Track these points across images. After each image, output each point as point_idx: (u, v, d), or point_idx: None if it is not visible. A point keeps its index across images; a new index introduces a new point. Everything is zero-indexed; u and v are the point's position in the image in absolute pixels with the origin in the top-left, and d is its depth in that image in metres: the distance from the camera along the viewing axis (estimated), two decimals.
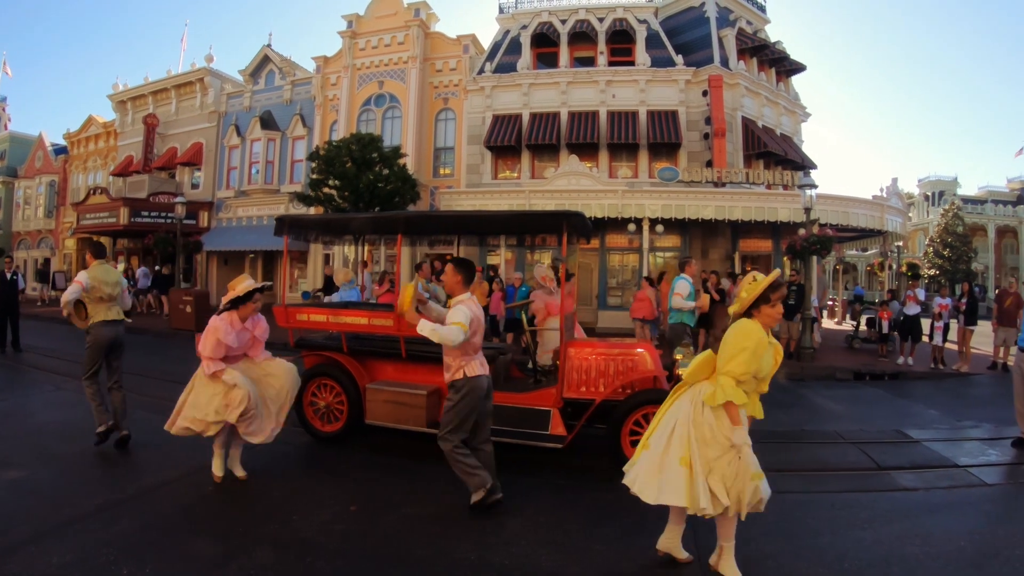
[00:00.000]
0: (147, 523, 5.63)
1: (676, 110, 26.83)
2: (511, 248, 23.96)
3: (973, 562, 5.23)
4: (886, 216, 25.07)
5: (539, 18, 28.71)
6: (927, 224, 71.83)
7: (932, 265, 62.68)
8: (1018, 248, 70.57)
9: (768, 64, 29.88)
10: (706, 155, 25.94)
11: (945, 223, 64.37)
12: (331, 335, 9.28)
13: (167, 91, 36.42)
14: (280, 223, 9.34)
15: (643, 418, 7.46)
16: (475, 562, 5.12)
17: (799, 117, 31.95)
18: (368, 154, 23.04)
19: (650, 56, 27.41)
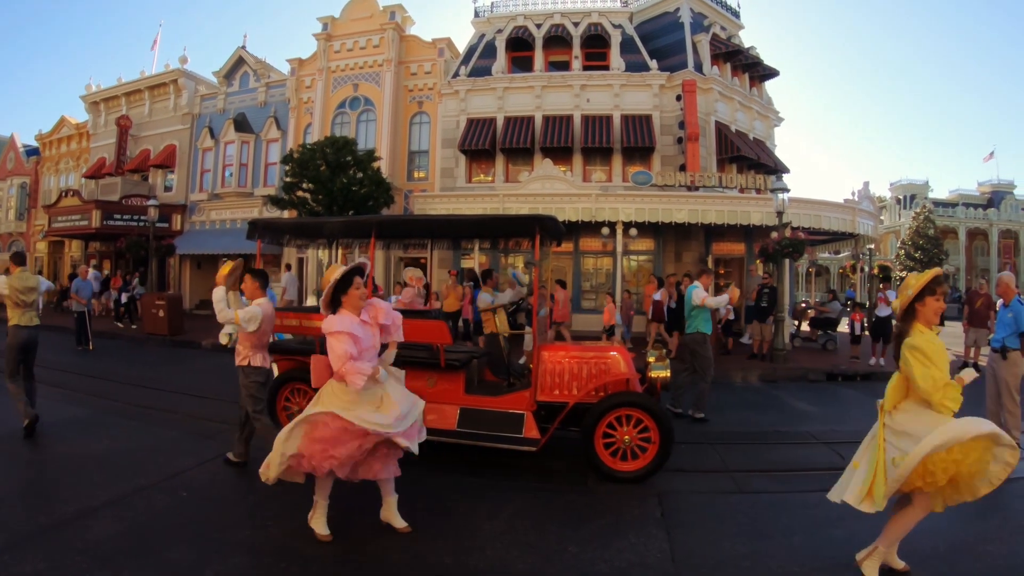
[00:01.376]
0: (121, 530, 5.59)
1: (650, 114, 26.99)
2: (485, 251, 23.99)
3: (946, 559, 5.33)
4: (857, 219, 25.25)
5: (514, 22, 28.77)
6: (899, 227, 72.68)
7: (904, 267, 63.33)
8: (988, 250, 71.57)
9: (742, 69, 30.09)
10: (679, 159, 26.07)
11: (916, 226, 65.20)
12: (305, 339, 9.26)
13: (140, 92, 36.13)
14: (253, 227, 9.34)
15: (616, 421, 7.53)
16: (450, 566, 5.15)
17: (772, 122, 32.20)
18: (342, 157, 22.99)
19: (624, 61, 27.56)
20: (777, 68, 31.11)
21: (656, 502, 6.76)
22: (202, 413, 10.08)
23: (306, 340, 9.19)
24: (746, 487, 7.31)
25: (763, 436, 9.91)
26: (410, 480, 7.16)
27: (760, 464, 8.27)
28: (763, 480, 7.57)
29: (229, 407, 10.51)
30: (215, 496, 6.56)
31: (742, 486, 7.36)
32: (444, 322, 8.33)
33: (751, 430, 10.21)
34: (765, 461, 8.42)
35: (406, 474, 7.38)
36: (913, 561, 5.29)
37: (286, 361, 9.08)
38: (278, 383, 8.72)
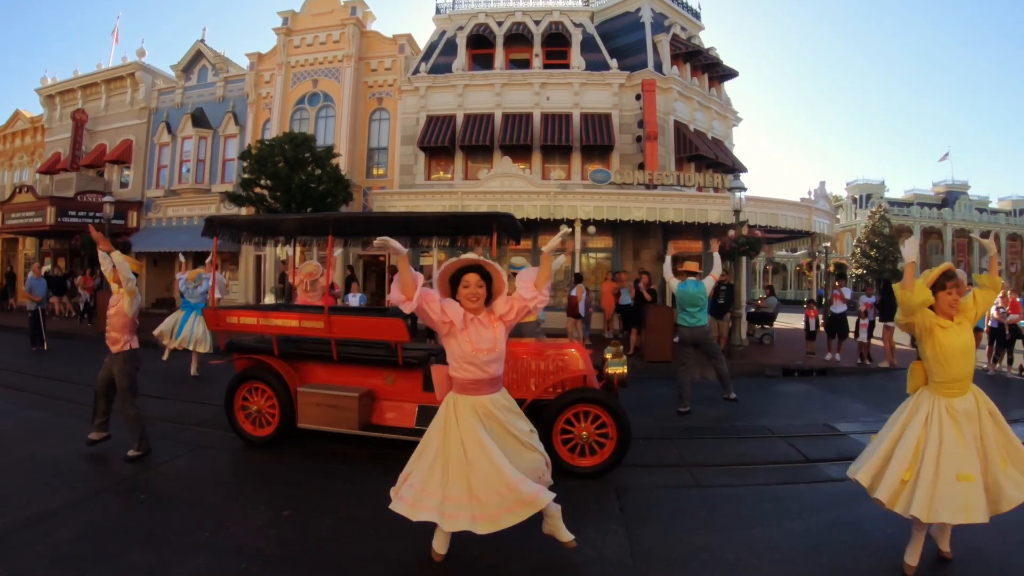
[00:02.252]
0: (81, 534, 5.51)
1: (609, 113, 27.12)
2: (443, 249, 23.96)
3: (902, 548, 5.38)
4: (814, 218, 25.55)
5: (476, 19, 28.72)
6: (855, 226, 73.55)
7: (859, 265, 64.31)
8: (943, 249, 72.91)
9: (701, 70, 30.31)
10: (638, 158, 26.19)
11: (872, 225, 65.99)
12: (263, 338, 9.16)
13: (97, 86, 35.50)
14: (209, 224, 9.24)
15: (574, 417, 7.57)
16: (412, 562, 5.16)
17: (730, 121, 32.51)
18: (301, 154, 22.82)
19: (585, 59, 27.64)
20: (736, 69, 31.38)
21: (615, 497, 6.80)
22: (158, 414, 9.85)
23: (264, 339, 9.08)
24: (704, 481, 7.37)
25: (721, 431, 10.01)
26: (370, 476, 7.19)
27: (718, 458, 8.36)
28: (721, 474, 7.65)
29: (185, 407, 10.50)
30: (174, 498, 6.46)
31: (700, 480, 7.42)
32: (402, 320, 8.32)
33: (709, 425, 10.31)
34: (723, 455, 8.50)
35: (365, 471, 7.41)
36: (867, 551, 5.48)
37: (244, 360, 8.98)
38: (236, 382, 8.62)
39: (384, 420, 8.20)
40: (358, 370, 8.44)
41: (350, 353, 8.42)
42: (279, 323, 8.69)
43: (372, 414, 8.24)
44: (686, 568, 5.15)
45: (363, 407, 8.05)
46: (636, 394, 11.55)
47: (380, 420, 8.22)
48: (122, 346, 7.58)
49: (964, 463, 4.84)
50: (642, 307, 17.99)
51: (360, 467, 7.60)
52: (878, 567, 5.21)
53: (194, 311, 14.20)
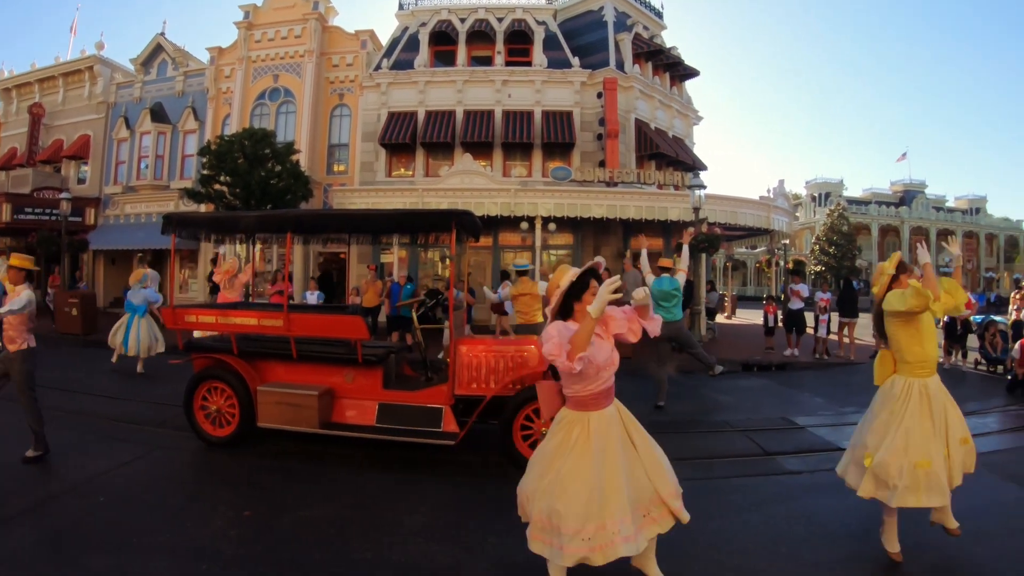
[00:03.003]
0: (39, 539, 5.46)
1: (571, 111, 27.22)
2: (404, 246, 23.93)
3: (857, 537, 5.53)
4: (772, 216, 25.87)
5: (438, 16, 28.65)
6: (814, 223, 74.47)
7: (818, 262, 65.16)
8: (900, 246, 73.76)
9: (663, 69, 30.52)
10: (599, 155, 26.37)
11: (831, 222, 66.94)
12: (222, 337, 9.11)
13: (55, 79, 34.81)
14: (167, 221, 9.17)
15: (533, 413, 7.61)
16: (372, 561, 5.16)
17: (691, 120, 32.79)
18: (260, 150, 22.61)
19: (547, 57, 27.74)
20: (698, 68, 31.67)
21: None
22: (116, 415, 9.83)
23: (223, 338, 9.03)
24: None
25: (681, 425, 10.12)
26: (330, 476, 7.19)
27: (679, 452, 8.39)
28: (681, 468, 7.66)
29: (144, 408, 10.39)
30: (132, 500, 6.40)
31: None
32: (361, 317, 8.34)
33: (669, 419, 10.41)
34: (683, 449, 8.56)
35: (325, 470, 7.41)
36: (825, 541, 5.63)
37: (203, 359, 8.89)
38: (195, 381, 8.55)
39: (345, 418, 8.20)
40: (318, 368, 8.43)
41: (310, 351, 8.40)
42: (238, 321, 8.66)
43: (332, 412, 8.23)
44: None
45: (323, 405, 8.04)
46: None
47: (340, 418, 8.21)
48: (19, 345, 7.54)
49: (925, 450, 5.05)
50: None
51: (321, 466, 7.62)
52: (836, 557, 5.33)
53: (136, 314, 14.07)
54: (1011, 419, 11.42)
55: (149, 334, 13.94)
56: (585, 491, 4.27)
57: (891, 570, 5.19)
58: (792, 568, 5.21)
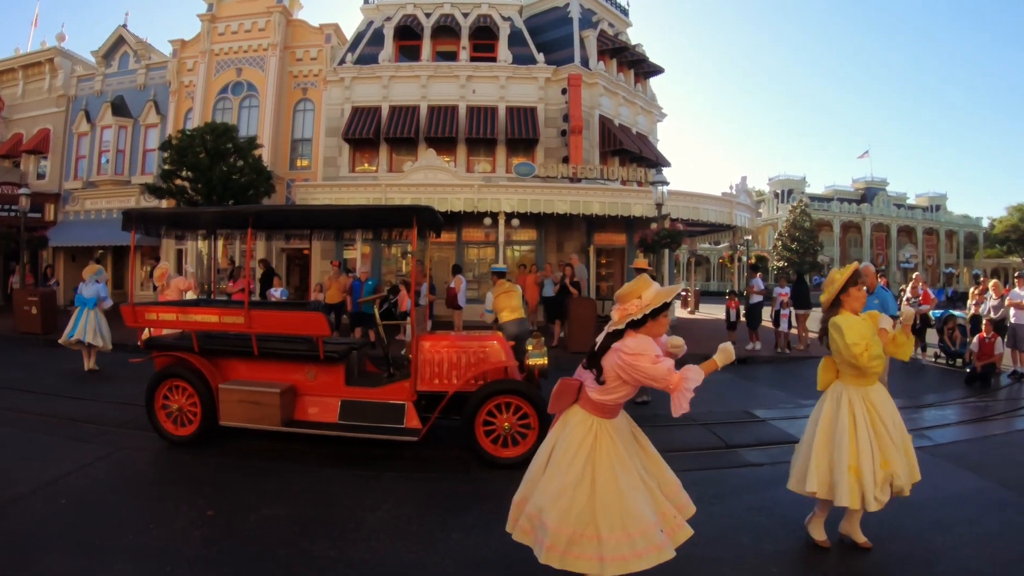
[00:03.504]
0: (0, 542, 5.39)
1: (535, 107, 27.29)
2: (367, 242, 23.87)
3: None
4: (735, 212, 26.19)
5: (404, 10, 28.52)
6: (777, 219, 75.57)
7: (781, 257, 66.04)
8: (861, 242, 75.33)
9: (627, 65, 30.71)
10: (563, 151, 26.47)
11: (793, 219, 67.99)
12: (184, 334, 9.01)
13: (14, 71, 34.22)
14: (127, 217, 9.09)
15: (495, 408, 7.69)
16: (335, 559, 5.17)
17: (655, 117, 33.01)
18: (222, 145, 22.45)
19: (512, 53, 27.79)
20: (662, 65, 31.99)
21: None
22: (78, 415, 9.69)
23: (184, 335, 8.94)
24: None
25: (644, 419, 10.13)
26: (293, 474, 7.19)
27: None
28: None
29: (106, 408, 10.26)
30: (95, 502, 6.32)
31: None
32: (322, 313, 8.33)
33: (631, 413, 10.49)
34: None
35: (288, 468, 7.40)
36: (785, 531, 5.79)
37: (164, 357, 8.82)
38: (156, 380, 8.45)
39: (307, 416, 8.20)
40: (280, 366, 8.41)
41: (272, 348, 8.38)
42: (199, 319, 8.60)
43: (295, 410, 8.22)
44: None
45: (285, 403, 8.02)
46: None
47: (303, 416, 8.21)
48: None
49: (855, 457, 5.20)
50: (566, 299, 18.15)
51: (284, 464, 7.60)
52: (796, 547, 5.47)
53: (87, 306, 13.96)
54: (970, 411, 11.78)
55: (96, 326, 13.80)
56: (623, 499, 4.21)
57: (850, 558, 5.34)
58: (754, 558, 5.32)
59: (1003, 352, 14.60)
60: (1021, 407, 12.27)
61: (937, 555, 5.44)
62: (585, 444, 4.36)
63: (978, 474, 7.65)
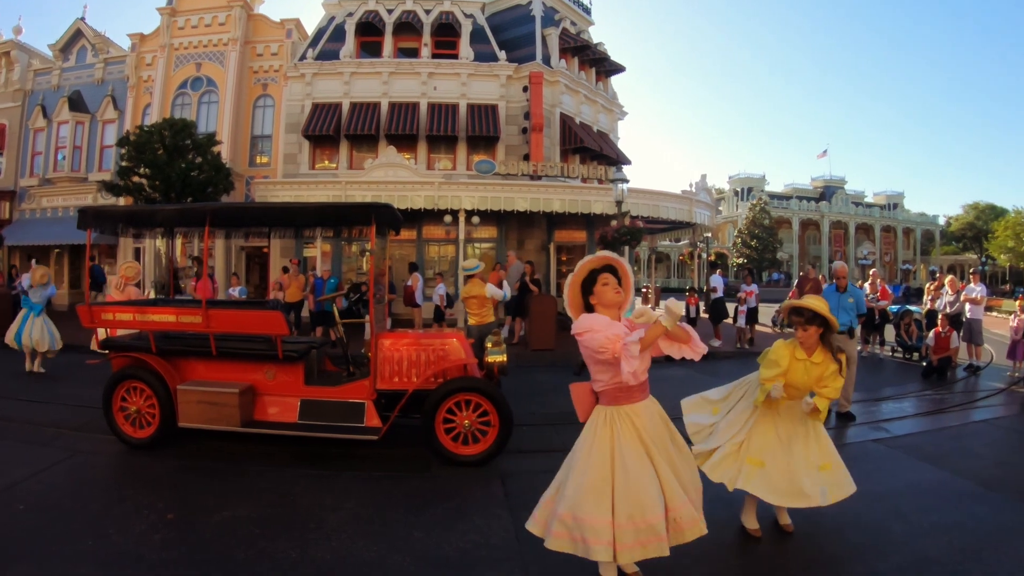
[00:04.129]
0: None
1: (496, 104, 27.29)
2: (327, 240, 23.78)
3: (809, 519, 5.83)
4: (694, 209, 26.39)
5: (365, 6, 28.31)
6: (736, 217, 76.30)
7: (740, 255, 66.76)
8: (820, 239, 76.30)
9: (589, 64, 30.81)
10: (524, 149, 26.54)
11: (752, 216, 68.82)
12: (141, 335, 8.92)
13: None
14: (83, 215, 8.98)
15: (455, 406, 7.73)
16: (297, 559, 5.18)
17: (616, 115, 33.16)
18: (181, 141, 22.22)
19: (474, 50, 27.75)
20: (624, 64, 32.12)
21: (499, 483, 7.02)
22: (35, 419, 9.54)
23: (141, 336, 8.86)
24: None
25: None
26: (254, 474, 7.18)
27: None
28: None
29: (62, 410, 10.08)
30: (54, 507, 6.23)
31: None
32: (280, 312, 8.30)
33: None
34: None
35: (248, 469, 7.39)
36: None
37: (121, 358, 8.71)
38: (113, 382, 8.36)
39: (267, 416, 8.18)
40: (238, 365, 8.38)
41: (230, 348, 8.34)
42: (156, 319, 8.50)
43: (254, 410, 8.19)
44: None
45: (244, 403, 7.99)
46: (520, 382, 11.79)
47: (263, 416, 8.19)
48: None
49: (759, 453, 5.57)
50: (526, 296, 18.22)
51: (244, 465, 7.58)
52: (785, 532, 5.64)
53: (32, 312, 13.81)
54: (926, 403, 12.04)
55: (44, 332, 13.64)
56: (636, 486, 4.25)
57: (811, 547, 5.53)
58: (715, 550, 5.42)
59: (959, 346, 15.00)
60: (976, 399, 12.53)
61: (895, 544, 5.59)
62: (601, 435, 4.44)
63: (935, 465, 7.86)
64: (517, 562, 5.20)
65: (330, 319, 11.34)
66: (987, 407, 11.84)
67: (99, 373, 9.39)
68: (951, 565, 5.22)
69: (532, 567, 5.10)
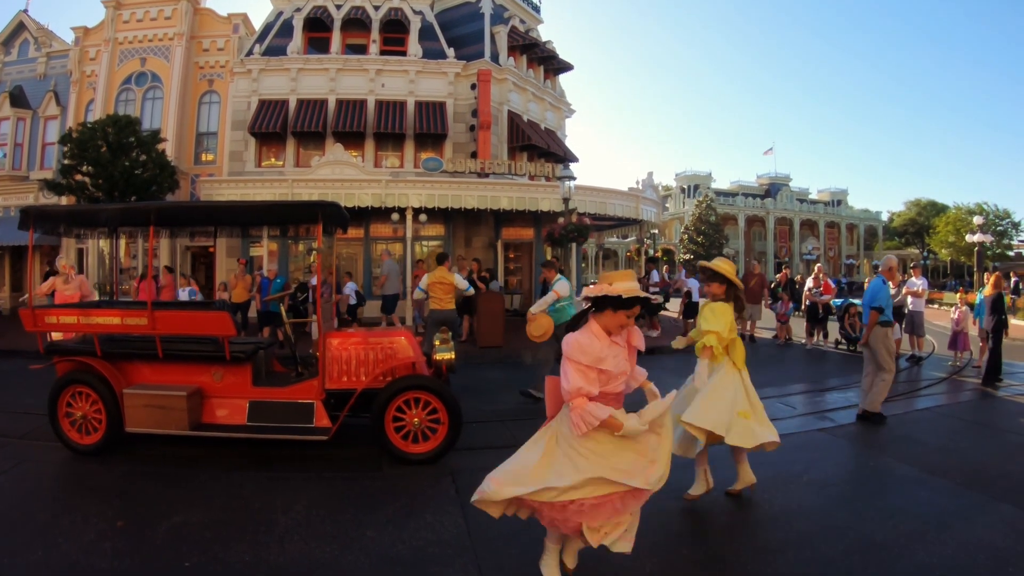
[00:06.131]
0: None
1: (444, 102, 27.38)
2: (274, 239, 23.63)
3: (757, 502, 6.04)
4: (641, 206, 26.66)
5: (314, 1, 28.19)
6: (683, 214, 77.16)
7: (687, 250, 67.52)
8: (765, 235, 77.63)
9: (537, 62, 30.98)
10: (471, 146, 26.68)
11: (699, 213, 69.69)
12: (85, 338, 8.77)
13: None
14: (25, 215, 8.80)
15: (404, 404, 7.74)
16: (250, 563, 5.15)
17: (564, 113, 33.38)
18: (125, 138, 21.90)
19: (422, 47, 27.80)
20: (572, 62, 32.31)
21: (450, 480, 7.04)
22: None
23: (86, 339, 8.71)
24: None
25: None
26: (204, 478, 7.14)
27: None
28: None
29: (5, 418, 9.77)
30: (1, 518, 6.09)
31: None
32: (227, 313, 8.25)
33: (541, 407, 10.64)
34: None
35: (199, 473, 7.34)
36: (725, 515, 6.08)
37: (67, 363, 8.51)
38: (58, 387, 8.17)
39: (215, 418, 8.10)
40: (186, 368, 8.27)
41: (177, 350, 8.23)
42: (100, 321, 8.36)
43: (203, 413, 8.10)
44: (520, 542, 5.40)
45: (192, 406, 7.90)
46: (470, 379, 11.86)
47: (211, 419, 8.11)
48: None
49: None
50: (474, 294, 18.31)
51: (194, 469, 7.49)
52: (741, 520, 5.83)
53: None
54: None
55: None
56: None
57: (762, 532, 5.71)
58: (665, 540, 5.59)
59: (901, 338, 15.33)
60: (919, 388, 12.98)
61: (842, 529, 5.75)
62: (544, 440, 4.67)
63: (879, 452, 8.09)
64: (470, 557, 5.25)
65: (277, 319, 11.32)
66: (929, 396, 12.29)
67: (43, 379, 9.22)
68: (896, 549, 5.38)
69: (485, 563, 5.17)
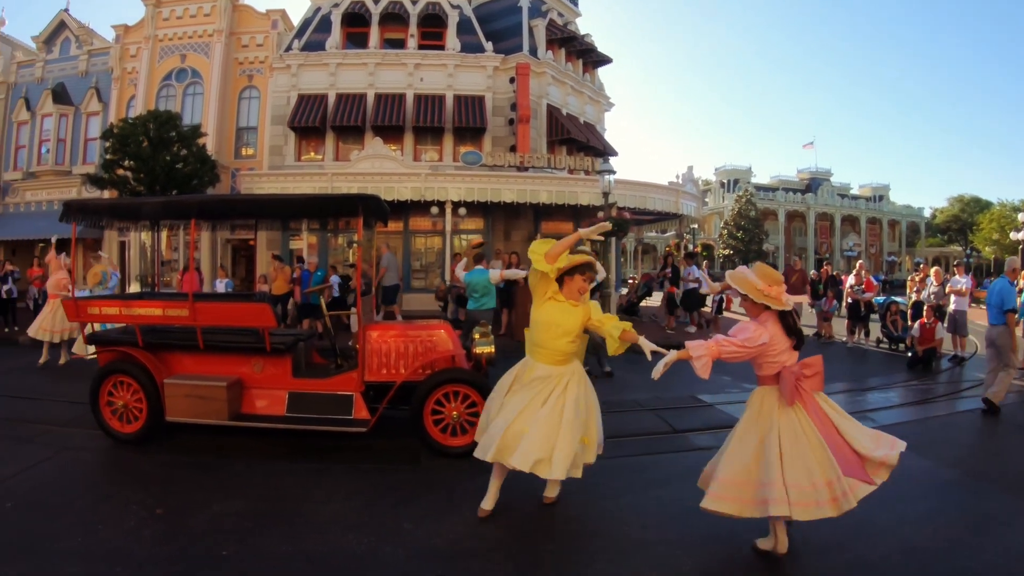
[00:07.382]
0: None
1: (483, 95, 27.30)
2: (314, 232, 23.69)
3: None
4: (681, 201, 26.46)
5: None
6: (723, 208, 76.51)
7: (727, 246, 67.00)
8: (806, 231, 76.68)
9: (576, 55, 30.85)
10: (511, 140, 26.55)
11: (739, 208, 69.08)
12: (128, 328, 8.80)
13: None
14: (67, 209, 8.88)
15: (443, 397, 7.68)
16: (288, 553, 5.12)
17: (603, 107, 33.21)
18: (165, 133, 22.07)
19: (460, 41, 27.72)
20: (611, 56, 32.19)
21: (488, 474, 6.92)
22: (21, 415, 9.42)
23: (128, 329, 8.75)
24: None
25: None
26: (243, 468, 7.13)
27: None
28: None
29: (50, 407, 9.98)
30: (41, 504, 6.12)
31: None
32: (268, 304, 8.25)
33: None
34: None
35: (237, 463, 7.33)
36: None
37: (108, 353, 8.59)
38: (100, 376, 8.23)
39: (255, 409, 8.10)
40: (226, 358, 8.28)
41: (217, 341, 8.24)
42: (142, 312, 8.42)
43: (242, 403, 8.10)
44: (560, 538, 5.35)
45: (232, 397, 7.90)
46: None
47: (251, 409, 8.11)
48: None
49: None
50: (513, 287, 18.22)
51: (233, 459, 7.51)
52: (749, 528, 5.52)
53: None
54: (912, 393, 12.25)
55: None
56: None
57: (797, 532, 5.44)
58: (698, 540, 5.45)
59: (943, 337, 15.05)
60: (961, 390, 12.61)
61: (882, 533, 5.61)
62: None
63: (920, 454, 7.85)
64: (506, 552, 5.18)
65: (317, 311, 11.30)
66: (971, 398, 11.81)
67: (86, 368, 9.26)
68: (938, 553, 5.25)
69: (521, 557, 5.10)
